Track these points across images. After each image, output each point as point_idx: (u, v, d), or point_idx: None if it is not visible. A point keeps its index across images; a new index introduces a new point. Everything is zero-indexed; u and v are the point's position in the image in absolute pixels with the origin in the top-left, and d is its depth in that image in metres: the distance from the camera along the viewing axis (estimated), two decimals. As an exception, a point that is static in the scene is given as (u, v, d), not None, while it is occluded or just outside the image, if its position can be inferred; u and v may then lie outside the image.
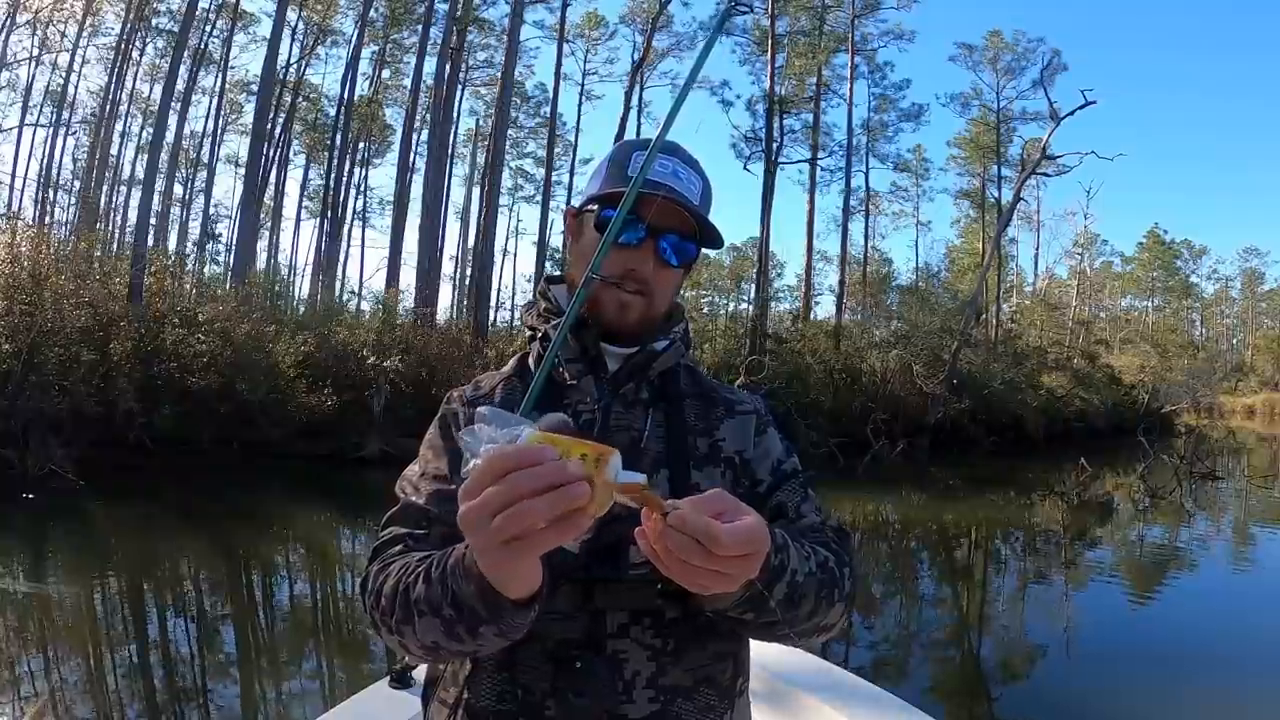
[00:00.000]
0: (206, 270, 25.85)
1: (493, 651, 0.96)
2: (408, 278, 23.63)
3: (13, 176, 27.26)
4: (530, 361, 1.21)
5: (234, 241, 23.18)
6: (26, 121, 28.50)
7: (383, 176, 76.87)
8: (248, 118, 28.31)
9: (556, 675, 1.01)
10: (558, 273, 1.28)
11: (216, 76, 30.75)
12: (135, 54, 29.10)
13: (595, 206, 1.14)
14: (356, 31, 29.12)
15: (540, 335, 1.18)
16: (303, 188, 36.32)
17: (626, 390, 1.14)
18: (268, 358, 14.76)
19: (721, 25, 1.21)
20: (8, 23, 25.38)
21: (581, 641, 1.02)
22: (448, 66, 24.21)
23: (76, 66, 29.22)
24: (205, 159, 32.30)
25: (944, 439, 21.39)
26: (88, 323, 13.36)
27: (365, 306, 27.71)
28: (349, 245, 34.46)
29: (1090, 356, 31.42)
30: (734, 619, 0.96)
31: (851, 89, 30.04)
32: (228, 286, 18.42)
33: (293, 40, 30.28)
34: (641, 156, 1.09)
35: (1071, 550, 10.55)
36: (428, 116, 25.66)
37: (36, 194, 27.78)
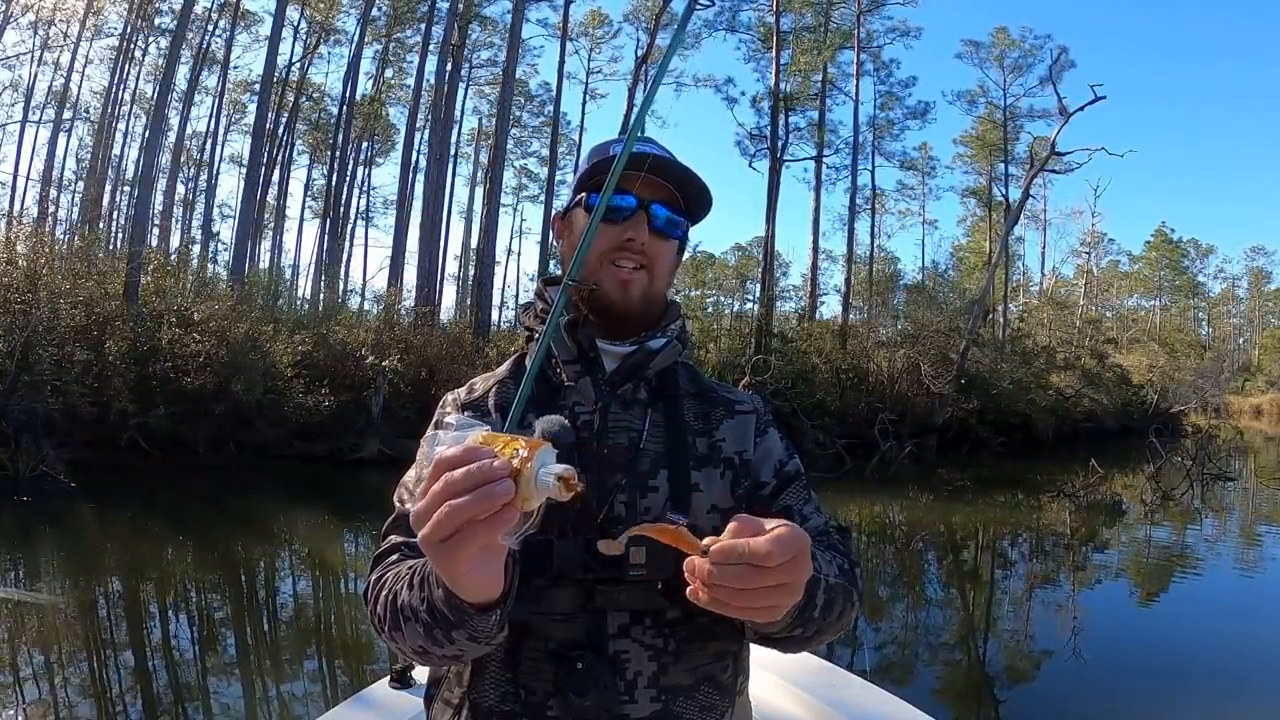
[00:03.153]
0: (207, 270, 25.66)
1: (474, 656, 0.98)
2: (411, 277, 23.51)
3: (14, 176, 27.18)
4: (527, 362, 1.18)
5: (234, 241, 23.03)
6: (29, 120, 28.40)
7: (386, 176, 77.08)
8: (251, 117, 28.19)
9: (558, 676, 1.03)
10: (558, 272, 1.28)
11: (219, 76, 30.67)
12: (138, 54, 29.06)
13: (583, 195, 1.19)
14: (359, 30, 29.03)
15: (536, 336, 1.19)
16: (306, 187, 36.34)
17: (624, 390, 1.15)
18: (264, 358, 14.63)
19: (685, 23, 1.18)
20: (6, 20, 25.28)
21: (583, 642, 1.04)
22: (449, 64, 24.09)
23: (79, 66, 29.18)
24: (212, 159, 32.24)
25: (952, 439, 21.25)
26: (82, 322, 13.24)
27: (367, 306, 27.66)
28: (351, 245, 34.42)
29: (1099, 356, 31.17)
30: (781, 639, 0.97)
31: (857, 86, 29.86)
32: (226, 286, 18.28)
33: (295, 39, 30.25)
34: (619, 146, 1.13)
35: (1080, 553, 10.43)
36: (430, 115, 25.54)
37: (39, 194, 27.63)
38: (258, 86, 24.94)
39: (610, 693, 1.02)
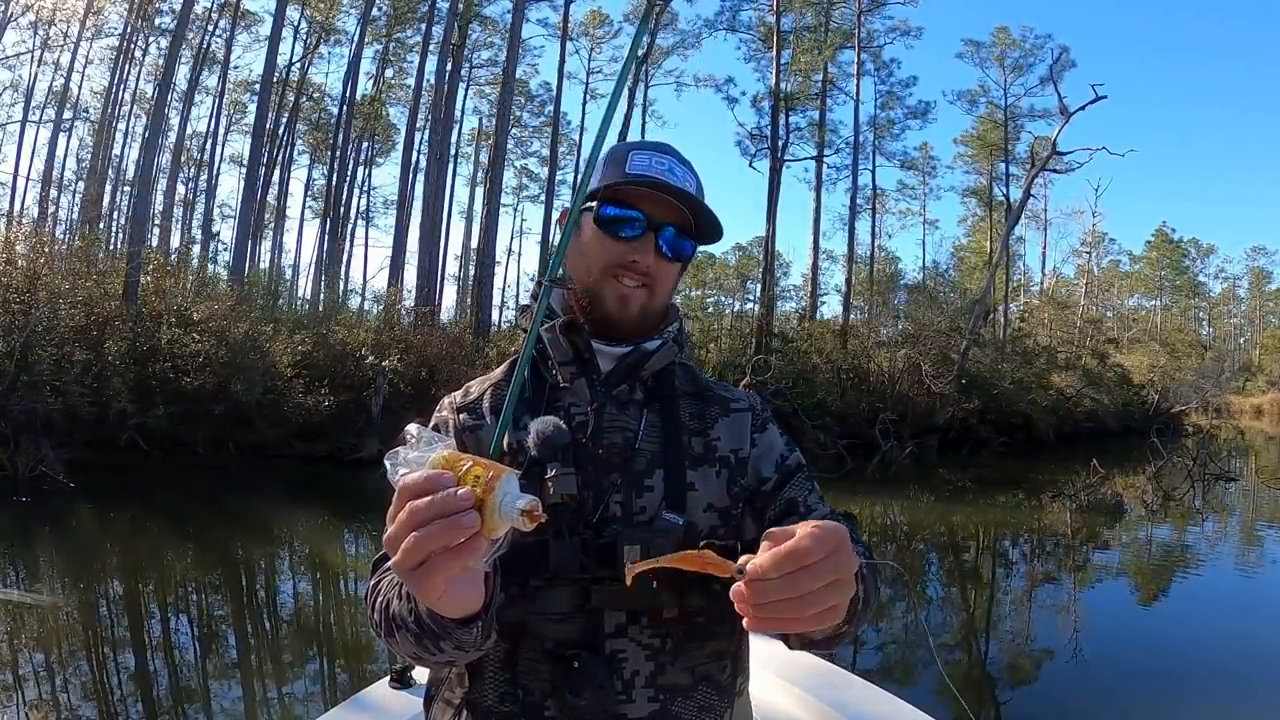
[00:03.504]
0: (207, 270, 25.62)
1: (469, 661, 0.99)
2: (411, 277, 23.49)
3: (14, 176, 27.15)
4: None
5: (234, 241, 23.01)
6: (30, 119, 28.37)
7: (386, 176, 77.09)
8: (252, 118, 28.14)
9: (554, 675, 1.03)
10: (560, 274, 1.28)
11: (219, 76, 30.63)
12: (138, 54, 29.02)
13: (594, 204, 1.16)
14: (359, 30, 28.99)
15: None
16: (307, 187, 36.29)
17: (620, 391, 1.15)
18: (264, 358, 14.59)
19: (646, 19, 1.15)
20: (6, 20, 25.26)
21: (579, 642, 1.04)
22: (449, 64, 24.07)
23: (79, 66, 29.15)
24: (212, 159, 32.18)
25: (953, 440, 21.19)
26: (82, 322, 13.21)
27: (367, 306, 27.64)
28: (352, 245, 34.38)
29: (1100, 356, 31.13)
30: (830, 638, 0.95)
31: (858, 86, 29.84)
32: (226, 286, 18.25)
33: (295, 39, 30.21)
34: (639, 155, 1.14)
35: (1081, 553, 10.40)
36: (430, 115, 25.51)
37: (39, 194, 27.58)
38: (258, 86, 24.95)
39: (607, 692, 1.02)
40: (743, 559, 0.70)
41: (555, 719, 1.04)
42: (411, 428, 0.79)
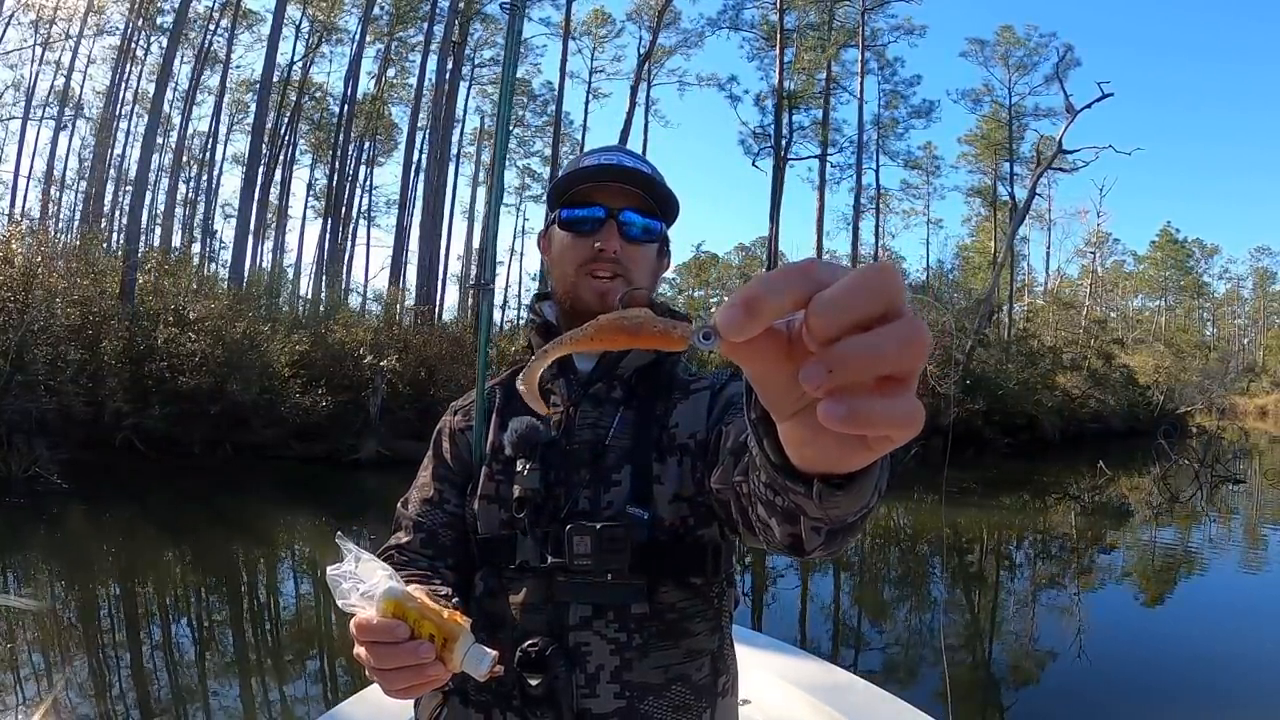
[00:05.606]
0: (206, 269, 25.60)
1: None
2: (413, 277, 23.42)
3: (15, 175, 27.14)
4: (518, 381, 1.12)
5: (233, 240, 22.95)
6: (30, 118, 28.35)
7: (388, 175, 77.23)
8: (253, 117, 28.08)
9: (517, 663, 1.04)
10: (549, 289, 1.34)
11: (221, 76, 30.59)
12: (139, 53, 28.98)
13: (556, 213, 1.21)
14: (360, 29, 28.95)
15: (528, 345, 1.30)
16: (309, 187, 36.21)
17: (597, 389, 1.18)
18: (261, 357, 14.48)
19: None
20: (9, 18, 25.28)
21: (545, 632, 1.06)
22: (450, 63, 24.01)
23: (80, 65, 29.14)
24: (214, 159, 32.15)
25: (957, 441, 21.08)
26: (78, 321, 13.14)
27: (369, 306, 27.60)
28: (354, 245, 34.31)
29: (1106, 356, 31.03)
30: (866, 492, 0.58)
31: (862, 85, 29.84)
32: (225, 285, 18.18)
33: (296, 38, 30.17)
34: (587, 158, 1.20)
35: (1087, 555, 10.32)
36: (431, 114, 25.47)
37: (41, 193, 27.58)
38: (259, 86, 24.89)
39: (564, 683, 1.03)
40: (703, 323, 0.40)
41: (520, 709, 1.06)
42: (345, 546, 0.87)
